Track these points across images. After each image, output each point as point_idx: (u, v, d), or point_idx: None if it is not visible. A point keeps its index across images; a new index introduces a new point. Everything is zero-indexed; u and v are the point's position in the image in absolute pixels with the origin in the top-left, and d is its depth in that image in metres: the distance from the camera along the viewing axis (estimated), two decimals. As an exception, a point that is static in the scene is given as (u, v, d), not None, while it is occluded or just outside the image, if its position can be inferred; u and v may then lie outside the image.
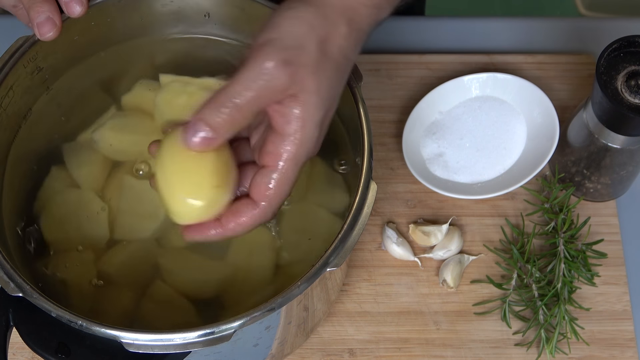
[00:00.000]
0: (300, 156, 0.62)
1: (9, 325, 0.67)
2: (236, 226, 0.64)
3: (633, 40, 0.81)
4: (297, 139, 0.61)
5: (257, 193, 0.63)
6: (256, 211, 0.63)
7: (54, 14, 0.69)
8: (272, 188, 0.62)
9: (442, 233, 0.90)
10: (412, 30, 1.04)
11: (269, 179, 0.62)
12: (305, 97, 0.61)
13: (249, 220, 0.64)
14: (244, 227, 0.64)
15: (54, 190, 0.79)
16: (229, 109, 0.60)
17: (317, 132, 0.62)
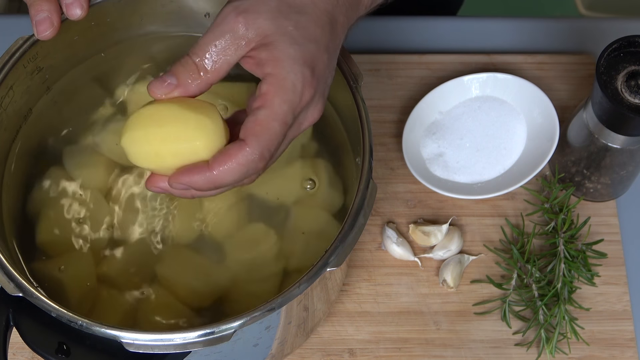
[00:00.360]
0: (286, 92, 0.61)
1: (9, 325, 0.67)
2: (225, 170, 0.62)
3: (633, 40, 0.81)
4: (275, 74, 0.61)
5: (245, 131, 0.62)
6: (243, 151, 0.61)
7: (52, 14, 0.69)
8: (259, 123, 0.61)
9: (442, 233, 0.90)
10: (412, 30, 1.04)
11: (256, 116, 0.62)
12: (270, 38, 0.62)
13: (237, 162, 0.62)
14: (233, 171, 0.62)
15: (53, 191, 0.79)
16: (191, 59, 0.62)
17: (299, 67, 0.62)
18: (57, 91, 0.81)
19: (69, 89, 0.82)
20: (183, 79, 0.63)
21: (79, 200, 0.79)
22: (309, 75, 0.62)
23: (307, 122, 0.65)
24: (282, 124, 0.62)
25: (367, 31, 1.03)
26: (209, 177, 0.62)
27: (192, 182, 0.63)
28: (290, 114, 0.62)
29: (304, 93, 0.62)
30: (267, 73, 0.62)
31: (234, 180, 0.63)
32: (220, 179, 0.62)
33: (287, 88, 0.62)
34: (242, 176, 0.63)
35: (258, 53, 0.62)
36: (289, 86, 0.62)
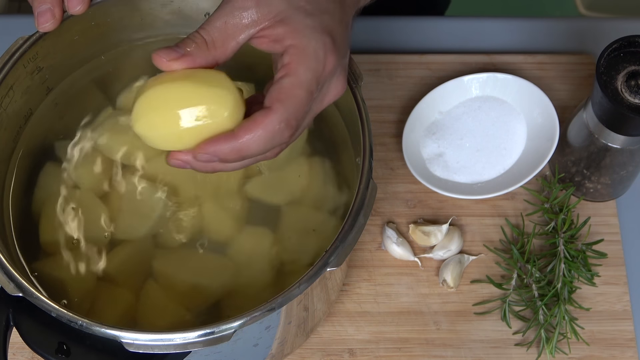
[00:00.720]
0: (309, 60, 0.61)
1: (9, 325, 0.67)
2: (251, 138, 0.60)
3: (633, 40, 0.81)
4: (297, 44, 0.61)
5: (270, 99, 0.61)
6: (269, 117, 0.60)
7: (55, 7, 0.70)
8: (284, 91, 0.61)
9: (442, 233, 0.90)
10: (412, 30, 1.04)
11: (281, 84, 0.61)
12: (283, 15, 0.61)
13: (264, 129, 0.60)
14: (260, 138, 0.61)
15: (53, 190, 0.79)
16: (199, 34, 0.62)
17: (319, 35, 0.61)
18: (58, 91, 0.81)
19: (69, 89, 0.82)
20: (191, 51, 0.62)
21: (78, 199, 0.79)
22: (329, 42, 0.62)
23: (330, 95, 0.64)
24: (307, 92, 0.61)
25: (367, 31, 1.03)
26: (235, 145, 0.61)
27: (217, 152, 0.61)
28: (314, 82, 0.61)
29: (326, 61, 0.62)
30: (288, 45, 0.61)
31: (260, 149, 0.61)
32: (247, 148, 0.61)
33: (309, 56, 0.61)
34: (269, 145, 0.61)
35: (273, 30, 0.62)
36: (311, 54, 0.61)
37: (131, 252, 0.77)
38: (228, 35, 0.62)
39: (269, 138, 0.61)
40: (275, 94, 0.61)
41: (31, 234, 0.78)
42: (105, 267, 0.77)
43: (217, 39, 0.62)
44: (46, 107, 0.80)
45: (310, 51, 0.61)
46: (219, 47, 0.62)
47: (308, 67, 0.61)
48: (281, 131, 0.61)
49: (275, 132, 0.61)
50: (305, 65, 0.61)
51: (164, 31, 0.82)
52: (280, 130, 0.61)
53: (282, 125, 0.61)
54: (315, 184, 0.80)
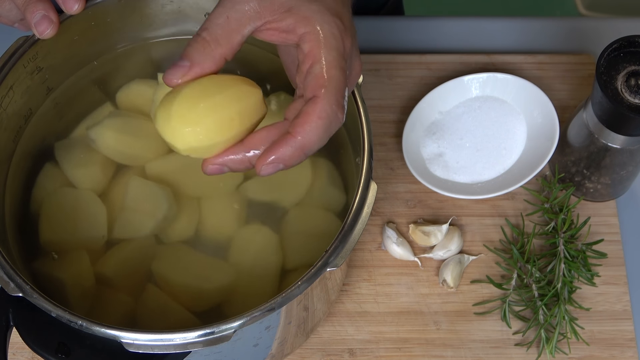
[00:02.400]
0: (328, 41, 0.61)
1: (9, 325, 0.67)
2: (309, 130, 0.60)
3: (633, 40, 0.81)
4: (311, 30, 0.61)
5: (312, 89, 0.60)
6: (319, 104, 0.60)
7: (49, 12, 0.69)
8: (320, 76, 0.60)
9: (442, 233, 0.90)
10: (412, 30, 1.04)
11: (314, 72, 0.60)
12: (289, 5, 0.61)
13: (318, 117, 0.60)
14: (317, 128, 0.60)
15: (50, 190, 0.79)
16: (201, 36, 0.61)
17: (329, 17, 0.61)
18: (58, 91, 0.81)
19: (69, 89, 0.82)
20: (196, 58, 0.62)
21: (78, 199, 0.79)
22: (340, 23, 0.62)
23: (353, 74, 0.64)
24: (341, 70, 0.61)
25: (367, 31, 1.03)
26: (296, 143, 0.60)
27: (281, 156, 0.60)
28: (342, 59, 0.61)
29: (344, 40, 0.62)
30: (302, 33, 0.61)
31: (320, 139, 0.61)
32: (308, 142, 0.60)
33: (328, 37, 0.61)
34: (327, 132, 0.61)
35: (281, 22, 0.62)
36: (329, 35, 0.61)
37: (131, 253, 0.77)
38: (232, 30, 0.62)
39: (326, 125, 0.60)
40: (313, 83, 0.60)
41: (31, 233, 0.78)
42: (105, 267, 0.77)
43: (220, 36, 0.61)
44: (46, 107, 0.80)
45: (327, 33, 0.61)
46: (224, 44, 0.62)
47: (330, 47, 0.61)
48: (335, 114, 0.60)
49: (331, 117, 0.60)
50: (327, 47, 0.61)
51: (164, 31, 0.82)
52: (334, 113, 0.60)
53: (334, 108, 0.60)
54: (317, 184, 0.80)
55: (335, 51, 0.61)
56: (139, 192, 0.79)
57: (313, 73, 0.61)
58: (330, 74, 0.61)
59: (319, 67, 0.61)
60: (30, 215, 0.79)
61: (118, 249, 0.78)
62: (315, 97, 0.60)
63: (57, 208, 0.78)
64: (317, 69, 0.61)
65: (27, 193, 0.79)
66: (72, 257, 0.77)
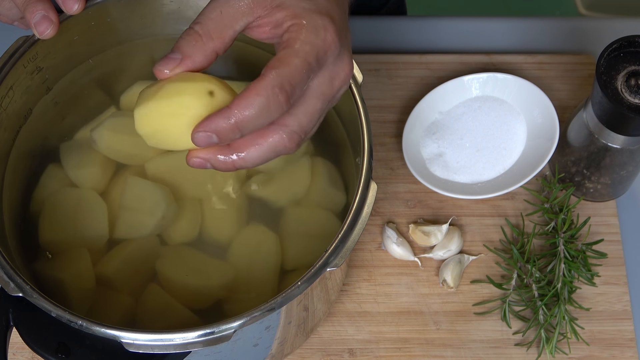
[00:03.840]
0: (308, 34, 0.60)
1: (9, 325, 0.67)
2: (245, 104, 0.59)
3: (633, 40, 0.81)
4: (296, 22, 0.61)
5: (265, 69, 0.59)
6: (262, 81, 0.59)
7: (49, 12, 0.69)
8: (278, 59, 0.59)
9: (442, 233, 0.90)
10: (412, 30, 1.04)
11: (277, 56, 0.60)
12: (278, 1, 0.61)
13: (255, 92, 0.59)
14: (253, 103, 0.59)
15: (52, 190, 0.79)
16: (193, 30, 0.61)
17: (317, 16, 0.61)
18: (58, 91, 0.81)
19: (69, 89, 0.81)
20: (187, 51, 0.61)
21: (78, 199, 0.79)
22: (328, 21, 0.61)
23: (339, 78, 0.63)
24: (303, 61, 0.60)
25: (367, 31, 1.03)
26: (230, 115, 0.59)
27: (215, 128, 0.59)
28: (312, 55, 0.60)
29: (326, 36, 0.61)
30: (288, 25, 0.61)
31: (256, 115, 0.59)
32: (243, 116, 0.59)
33: (308, 31, 0.60)
34: (265, 112, 0.59)
35: (271, 17, 0.61)
36: (310, 29, 0.60)
37: (132, 253, 0.77)
38: (225, 25, 0.61)
39: (263, 103, 0.59)
40: (270, 64, 0.60)
41: (31, 234, 0.78)
42: (106, 268, 0.77)
43: (213, 30, 0.61)
44: (46, 107, 0.80)
45: (310, 27, 0.61)
46: (216, 38, 0.61)
47: (305, 40, 0.60)
48: (275, 96, 0.59)
49: (270, 97, 0.59)
50: (302, 38, 0.60)
51: (164, 31, 0.82)
52: (275, 95, 0.59)
53: (275, 90, 0.59)
54: (317, 184, 0.80)
55: (310, 46, 0.60)
56: (137, 191, 0.78)
57: (276, 56, 0.60)
58: (287, 60, 0.59)
59: (283, 52, 0.60)
60: (31, 216, 0.78)
61: (119, 249, 0.78)
62: (262, 74, 0.59)
63: (58, 208, 0.78)
64: (282, 54, 0.60)
65: (28, 193, 0.79)
66: (72, 257, 0.77)
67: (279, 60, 0.60)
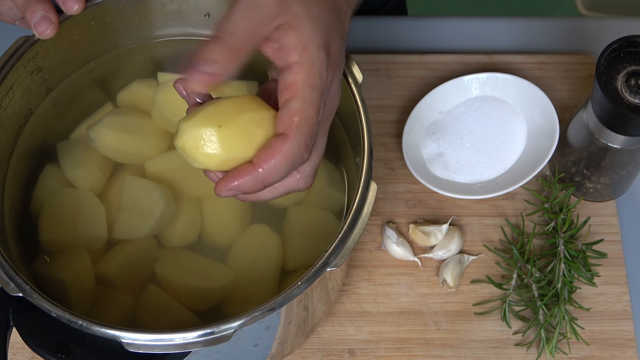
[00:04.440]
0: (314, 79, 0.61)
1: (9, 325, 0.67)
2: (272, 166, 0.61)
3: (633, 40, 0.81)
4: (303, 62, 0.61)
5: (283, 124, 0.61)
6: (287, 144, 0.60)
7: (49, 12, 0.69)
8: (296, 114, 0.60)
9: (442, 233, 0.90)
10: (412, 30, 1.04)
11: (291, 108, 0.61)
12: (298, 21, 0.61)
13: (283, 156, 0.61)
14: (281, 166, 0.61)
15: (50, 190, 0.79)
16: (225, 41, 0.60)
17: (322, 53, 0.61)
18: (58, 91, 0.81)
19: (69, 89, 0.82)
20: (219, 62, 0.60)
21: (77, 199, 0.79)
22: (329, 59, 0.62)
23: (335, 104, 0.65)
24: (316, 110, 0.61)
25: (367, 31, 1.03)
26: (257, 176, 0.61)
27: (240, 186, 0.62)
28: (320, 100, 0.61)
29: (327, 77, 0.62)
30: (294, 62, 0.61)
31: (281, 175, 0.62)
32: (269, 177, 0.61)
33: (314, 75, 0.61)
34: (290, 170, 0.62)
35: (283, 36, 0.61)
36: (316, 73, 0.61)
37: (131, 253, 0.77)
38: (253, 35, 0.61)
39: (289, 164, 0.61)
40: (287, 119, 0.61)
41: (31, 234, 0.78)
42: (105, 268, 0.77)
43: (245, 42, 0.60)
44: (46, 107, 0.80)
45: (316, 71, 0.61)
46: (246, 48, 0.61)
47: (314, 86, 0.61)
48: (300, 154, 0.61)
49: (295, 157, 0.61)
50: (310, 86, 0.61)
51: (164, 31, 0.82)
52: (300, 154, 0.61)
53: (300, 150, 0.61)
54: (317, 184, 0.80)
55: (318, 92, 0.61)
56: (135, 191, 0.78)
57: (289, 108, 0.61)
58: (305, 114, 0.61)
59: (296, 104, 0.61)
60: (31, 216, 0.78)
61: (118, 249, 0.77)
62: (286, 135, 0.61)
63: (57, 208, 0.78)
64: (295, 105, 0.61)
65: (27, 193, 0.79)
66: (72, 257, 0.77)
67: (297, 114, 0.60)
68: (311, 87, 0.61)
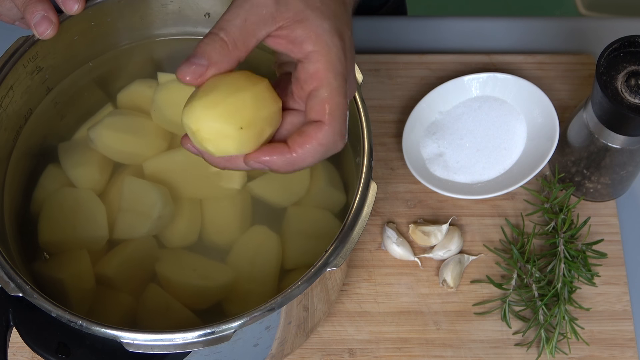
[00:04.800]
0: (335, 65, 0.61)
1: (9, 325, 0.67)
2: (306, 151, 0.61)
3: (633, 40, 0.81)
4: (320, 50, 0.61)
5: (316, 113, 0.61)
6: (323, 131, 0.61)
7: (49, 12, 0.69)
8: (327, 101, 0.61)
9: (442, 233, 0.90)
10: (412, 30, 1.04)
11: (319, 97, 0.61)
12: (301, 15, 0.61)
13: (318, 143, 0.61)
14: (315, 152, 0.61)
15: (51, 190, 0.79)
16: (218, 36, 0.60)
17: (336, 39, 0.61)
18: (58, 91, 0.81)
19: (69, 89, 0.81)
20: (214, 58, 0.60)
21: (77, 199, 0.79)
22: (344, 45, 0.62)
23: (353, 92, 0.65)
24: (344, 97, 0.61)
25: (367, 31, 1.03)
26: (289, 159, 0.61)
27: (271, 163, 0.62)
28: (345, 85, 0.62)
29: (346, 63, 0.62)
30: (310, 51, 0.61)
31: (314, 160, 0.62)
32: (302, 161, 0.62)
33: (334, 62, 0.61)
34: (323, 156, 0.62)
35: (291, 31, 0.61)
36: (335, 59, 0.61)
37: (131, 253, 0.77)
38: (249, 34, 0.61)
39: (324, 151, 0.62)
40: (319, 107, 0.61)
41: (31, 234, 0.78)
42: (105, 268, 0.76)
43: (238, 38, 0.61)
44: (46, 107, 0.80)
45: (334, 57, 0.61)
46: (240, 46, 0.61)
47: (337, 73, 0.61)
48: (335, 142, 0.62)
49: (330, 144, 0.62)
50: (333, 72, 0.61)
51: (164, 31, 0.82)
52: (335, 142, 0.62)
53: (336, 137, 0.61)
54: (317, 184, 0.80)
55: (341, 77, 0.61)
56: (134, 191, 0.78)
57: (319, 97, 0.61)
58: (335, 101, 0.61)
59: (325, 92, 0.61)
60: (31, 216, 0.78)
61: (119, 249, 0.77)
62: (321, 122, 0.61)
63: (57, 208, 0.78)
64: (323, 94, 0.61)
65: (27, 193, 0.79)
66: (72, 257, 0.77)
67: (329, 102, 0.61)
68: (334, 73, 0.61)
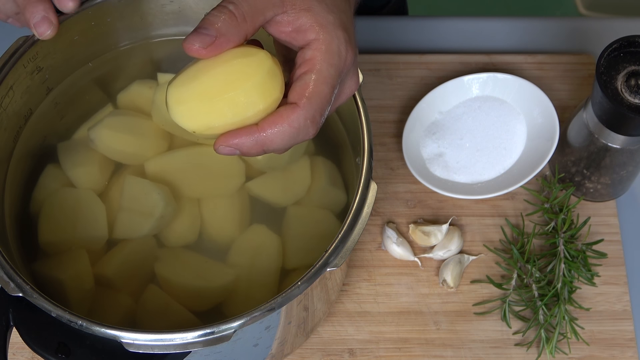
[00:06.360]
0: (332, 56, 0.61)
1: (9, 325, 0.67)
2: (275, 132, 0.60)
3: (633, 40, 0.81)
4: (321, 39, 0.61)
5: (295, 95, 0.61)
6: (296, 113, 0.60)
7: (49, 13, 0.69)
8: (309, 87, 0.60)
9: (442, 233, 0.90)
10: (413, 30, 1.04)
11: (305, 80, 0.61)
12: (307, 4, 0.61)
13: (289, 124, 0.60)
14: (284, 133, 0.60)
15: (51, 190, 0.79)
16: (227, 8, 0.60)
17: (341, 32, 0.61)
18: (58, 91, 0.81)
19: (69, 89, 0.82)
20: (223, 29, 0.60)
21: (77, 199, 0.79)
22: (348, 39, 0.62)
23: (346, 92, 0.65)
24: (331, 88, 0.61)
25: (368, 31, 1.03)
26: (258, 138, 0.61)
27: (240, 145, 0.61)
28: (337, 78, 0.62)
29: (347, 57, 0.62)
30: (312, 39, 0.61)
31: (283, 144, 0.61)
32: (271, 142, 0.61)
33: (333, 52, 0.61)
34: (292, 141, 0.61)
35: (297, 19, 0.61)
36: (334, 50, 0.61)
37: (131, 254, 0.77)
38: (257, 10, 0.60)
39: (293, 134, 0.61)
40: (300, 90, 0.61)
41: (31, 234, 0.78)
42: (105, 268, 0.76)
43: (247, 12, 0.60)
44: (46, 107, 0.80)
45: (334, 47, 0.61)
46: (249, 22, 0.60)
47: (331, 63, 0.61)
48: (306, 128, 0.61)
49: (301, 129, 0.61)
50: (328, 61, 0.61)
51: (164, 31, 0.83)
52: (306, 127, 0.61)
53: (307, 122, 0.61)
54: (317, 183, 0.80)
55: (335, 69, 0.61)
56: (135, 191, 0.78)
57: (303, 80, 0.61)
58: (318, 88, 0.61)
59: (311, 78, 0.61)
60: (31, 216, 0.78)
61: (118, 249, 0.77)
62: (296, 105, 0.60)
63: (57, 208, 0.78)
64: (308, 79, 0.61)
65: (28, 193, 0.79)
66: (71, 257, 0.77)
67: (310, 87, 0.60)
68: (328, 63, 0.61)
